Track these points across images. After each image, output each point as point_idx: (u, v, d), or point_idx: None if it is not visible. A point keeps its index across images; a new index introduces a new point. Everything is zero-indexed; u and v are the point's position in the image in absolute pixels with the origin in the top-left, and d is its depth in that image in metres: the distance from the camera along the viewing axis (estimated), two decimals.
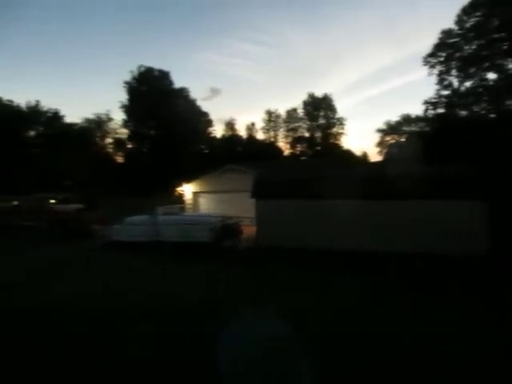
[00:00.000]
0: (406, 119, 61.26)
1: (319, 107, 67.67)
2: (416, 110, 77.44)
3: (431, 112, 31.81)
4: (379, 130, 67.83)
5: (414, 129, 53.88)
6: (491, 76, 28.84)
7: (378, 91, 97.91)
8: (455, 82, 30.49)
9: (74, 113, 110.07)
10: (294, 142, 68.61)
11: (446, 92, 30.85)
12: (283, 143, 69.60)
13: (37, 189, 28.33)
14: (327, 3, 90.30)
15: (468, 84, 29.88)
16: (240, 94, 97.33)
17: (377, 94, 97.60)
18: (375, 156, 68.68)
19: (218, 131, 66.51)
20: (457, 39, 29.49)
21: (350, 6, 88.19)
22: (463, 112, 30.48)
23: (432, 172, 13.18)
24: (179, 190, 25.35)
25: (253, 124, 69.16)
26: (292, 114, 69.31)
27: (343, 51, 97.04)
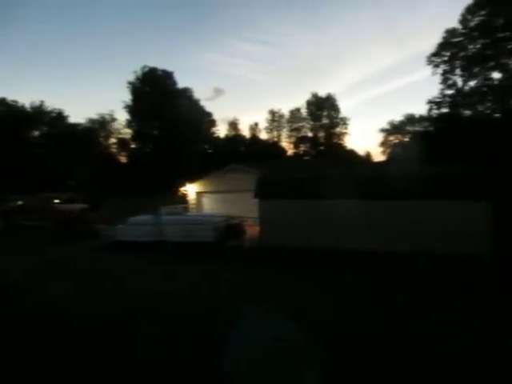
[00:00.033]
0: (410, 119, 61.18)
1: (322, 107, 67.57)
2: (420, 110, 77.42)
3: (435, 112, 31.64)
4: (383, 130, 67.85)
5: (418, 128, 53.71)
6: (496, 75, 28.68)
7: (381, 91, 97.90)
8: (459, 82, 30.34)
9: (78, 113, 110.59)
10: (298, 142, 68.57)
11: (450, 91, 30.68)
12: (286, 143, 69.73)
13: (41, 189, 28.43)
14: (330, 3, 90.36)
15: (472, 83, 29.71)
16: (243, 94, 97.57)
17: (380, 94, 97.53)
18: (379, 156, 68.66)
19: (222, 131, 66.75)
20: (461, 38, 29.32)
21: (353, 6, 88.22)
22: (467, 111, 30.30)
23: (436, 172, 13.12)
24: (182, 190, 25.38)
25: (256, 124, 69.33)
26: (295, 114, 69.27)
27: (346, 51, 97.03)
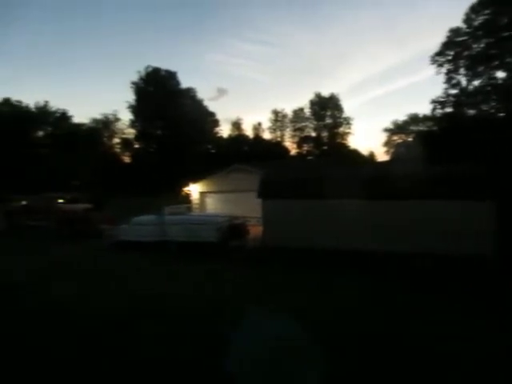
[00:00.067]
0: (414, 118, 60.93)
1: (326, 107, 67.47)
2: (423, 110, 77.02)
3: (439, 111, 31.56)
4: (386, 130, 67.60)
5: (422, 128, 53.50)
6: (500, 74, 28.58)
7: (385, 91, 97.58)
8: (463, 81, 30.24)
9: (82, 113, 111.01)
10: (301, 142, 68.48)
11: (454, 91, 30.59)
12: (290, 143, 69.63)
13: (45, 189, 28.56)
14: (332, 2, 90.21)
15: (476, 83, 29.61)
16: (247, 94, 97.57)
17: (383, 94, 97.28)
18: (382, 156, 68.45)
19: (225, 131, 66.80)
20: (465, 37, 29.21)
21: (355, 5, 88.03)
22: (471, 111, 30.20)
23: (439, 171, 13.07)
24: (186, 190, 25.44)
25: (259, 124, 69.33)
26: (299, 114, 69.21)
27: (349, 51, 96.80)
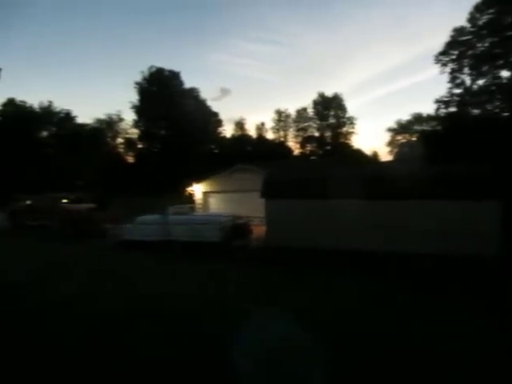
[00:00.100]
0: (417, 118, 60.80)
1: (329, 106, 67.30)
2: (427, 109, 76.85)
3: (443, 111, 31.48)
4: (390, 130, 67.53)
5: (426, 128, 53.35)
6: (504, 74, 28.45)
7: (388, 90, 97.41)
8: (467, 80, 30.14)
9: (86, 113, 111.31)
10: (304, 142, 68.35)
11: (459, 90, 30.50)
12: (293, 143, 69.51)
13: (49, 188, 28.70)
14: (336, 2, 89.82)
15: (481, 82, 29.50)
16: (250, 94, 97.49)
17: (387, 93, 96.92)
18: (386, 155, 68.34)
19: (228, 131, 66.68)
20: (469, 37, 29.11)
21: (359, 5, 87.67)
22: (476, 110, 30.08)
23: (443, 171, 13.02)
24: (189, 190, 25.50)
25: (262, 124, 69.18)
26: (302, 114, 69.07)
27: (352, 50, 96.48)
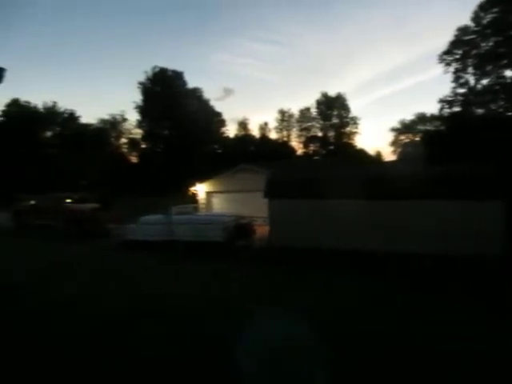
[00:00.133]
0: (421, 118, 60.55)
1: (332, 106, 67.23)
2: (431, 109, 76.46)
3: (447, 110, 31.36)
4: (393, 129, 67.27)
5: (429, 128, 53.16)
6: (509, 73, 28.32)
7: (392, 90, 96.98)
8: (471, 80, 30.00)
9: (90, 113, 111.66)
10: (307, 142, 68.33)
11: (462, 90, 30.37)
12: (296, 143, 69.49)
13: (53, 188, 28.81)
14: (339, 1, 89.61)
15: (485, 82, 29.37)
16: (253, 94, 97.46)
17: (390, 93, 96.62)
18: (389, 155, 68.12)
19: (231, 131, 66.77)
20: (473, 36, 28.98)
21: (362, 5, 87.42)
22: (480, 110, 29.96)
23: (447, 171, 12.97)
24: (193, 190, 25.54)
25: (266, 124, 69.21)
26: (305, 114, 69.05)
27: (356, 50, 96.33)
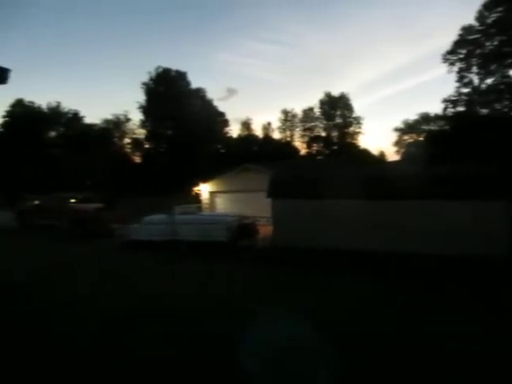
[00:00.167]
0: (425, 118, 60.34)
1: (336, 106, 67.14)
2: (434, 109, 76.11)
3: (451, 110, 31.29)
4: (397, 129, 67.11)
5: (433, 127, 52.99)
6: None
7: (395, 90, 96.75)
8: (476, 80, 29.93)
9: (94, 113, 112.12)
10: (311, 142, 68.26)
11: (466, 90, 30.30)
12: (299, 143, 69.43)
13: (57, 188, 28.92)
14: (343, 1, 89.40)
15: (489, 81, 29.30)
16: (256, 94, 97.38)
17: (394, 93, 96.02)
18: (393, 155, 67.98)
19: (235, 131, 66.73)
20: (477, 35, 28.88)
21: (366, 4, 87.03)
22: (484, 110, 29.85)
23: (451, 171, 12.92)
24: (196, 190, 25.58)
25: (269, 124, 69.16)
26: (308, 114, 68.97)
27: (359, 50, 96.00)
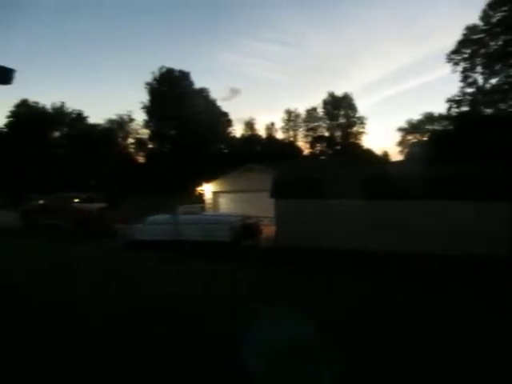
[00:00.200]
0: (429, 118, 60.15)
1: (339, 106, 67.03)
2: (438, 109, 75.71)
3: (455, 110, 31.16)
4: (400, 129, 66.92)
5: (437, 127, 52.80)
6: None
7: (399, 90, 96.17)
8: (480, 79, 29.80)
9: (97, 114, 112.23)
10: (314, 142, 68.18)
11: (471, 89, 30.18)
12: (303, 143, 69.35)
13: (61, 188, 29.04)
14: (346, 1, 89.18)
15: (493, 81, 29.18)
16: (259, 94, 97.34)
17: (397, 93, 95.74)
18: (396, 155, 67.77)
19: (238, 131, 66.80)
20: (482, 35, 28.74)
21: (369, 4, 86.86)
22: (488, 110, 29.71)
23: (455, 171, 12.87)
24: (199, 190, 25.60)
25: (272, 124, 69.18)
26: (312, 114, 68.90)
27: (363, 50, 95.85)
